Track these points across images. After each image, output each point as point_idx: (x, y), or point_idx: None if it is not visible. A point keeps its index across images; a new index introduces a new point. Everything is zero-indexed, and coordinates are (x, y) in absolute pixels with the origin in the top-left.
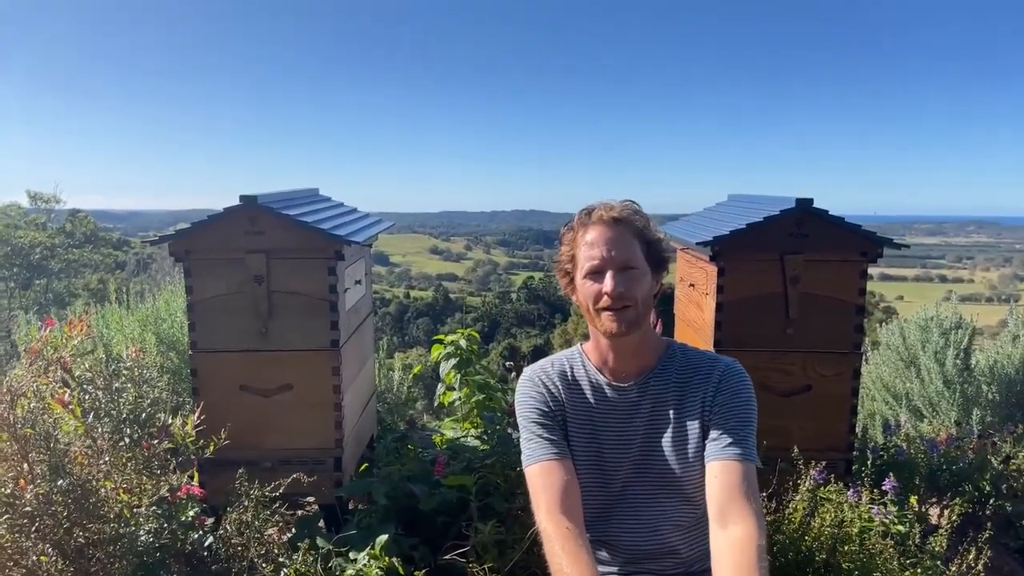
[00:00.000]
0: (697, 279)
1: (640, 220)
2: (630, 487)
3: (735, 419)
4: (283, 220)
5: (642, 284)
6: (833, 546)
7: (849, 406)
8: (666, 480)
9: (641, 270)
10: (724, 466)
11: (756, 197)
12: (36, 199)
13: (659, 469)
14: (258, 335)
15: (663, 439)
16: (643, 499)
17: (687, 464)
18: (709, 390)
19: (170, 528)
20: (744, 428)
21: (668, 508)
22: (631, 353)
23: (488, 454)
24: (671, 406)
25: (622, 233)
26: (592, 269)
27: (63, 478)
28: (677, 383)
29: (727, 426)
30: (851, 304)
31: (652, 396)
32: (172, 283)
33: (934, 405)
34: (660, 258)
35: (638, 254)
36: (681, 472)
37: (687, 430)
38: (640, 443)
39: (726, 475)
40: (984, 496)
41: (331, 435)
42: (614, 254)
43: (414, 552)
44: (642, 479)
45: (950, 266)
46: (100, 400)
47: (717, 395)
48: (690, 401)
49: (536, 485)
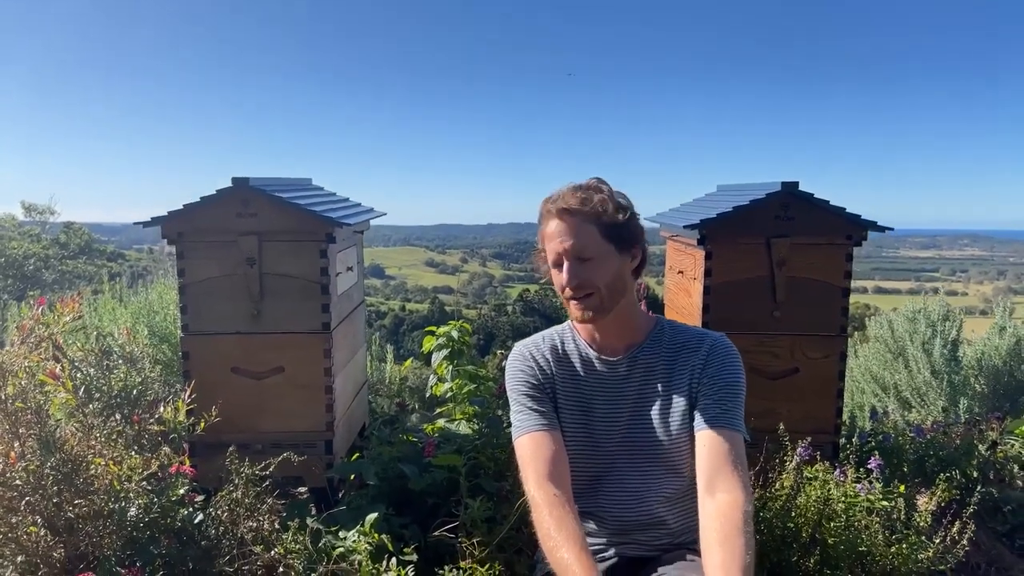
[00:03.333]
0: (685, 265)
1: (596, 205)
2: (619, 459)
3: (723, 391)
4: (276, 202)
5: (603, 269)
6: (819, 522)
7: (836, 389)
8: (654, 452)
9: (599, 257)
10: (712, 436)
11: (744, 185)
12: (31, 210)
13: (647, 441)
14: (250, 317)
15: (651, 412)
16: (631, 470)
17: (674, 436)
18: (697, 364)
19: (160, 504)
20: (732, 400)
21: (656, 479)
22: (614, 331)
23: (478, 435)
24: (660, 380)
25: (575, 223)
26: (554, 261)
27: (54, 454)
28: (666, 358)
29: (715, 398)
30: (837, 287)
31: (641, 370)
32: (166, 276)
33: (922, 395)
34: (625, 236)
35: (594, 241)
36: (669, 444)
37: (675, 403)
38: (628, 416)
39: (714, 445)
40: (971, 482)
41: (322, 418)
42: (567, 246)
43: (404, 531)
44: (630, 451)
45: (944, 279)
46: (91, 376)
47: (706, 368)
48: (679, 375)
49: (525, 456)
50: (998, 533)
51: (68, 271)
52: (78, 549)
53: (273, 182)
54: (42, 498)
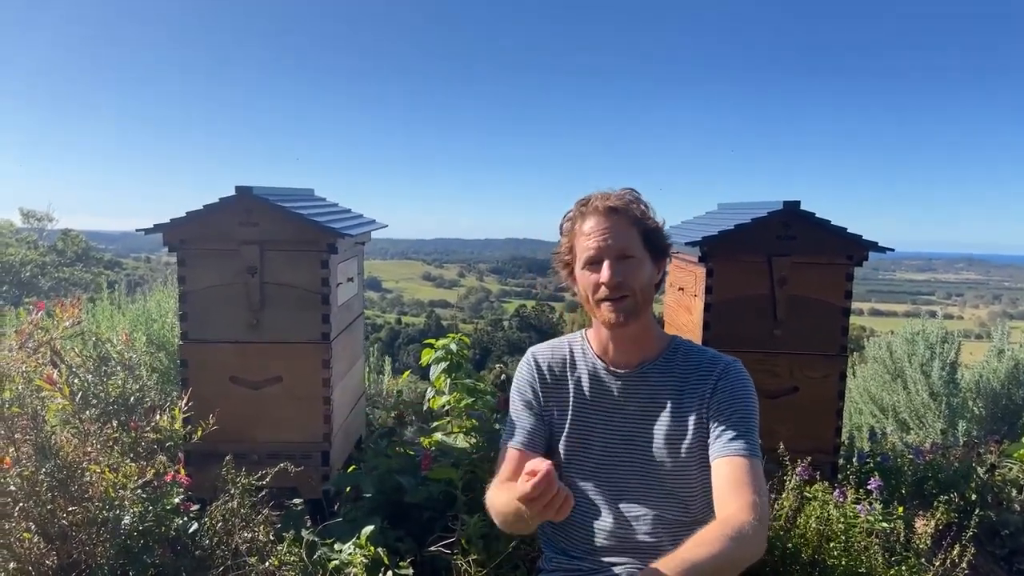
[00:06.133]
0: (686, 282)
1: (638, 208)
2: (616, 473)
3: (736, 415)
4: (278, 212)
5: (640, 273)
6: (819, 543)
7: (835, 408)
8: (654, 471)
9: (639, 259)
10: (728, 462)
11: (744, 204)
12: (29, 217)
13: (648, 459)
14: (249, 327)
15: (656, 431)
16: (628, 487)
17: (679, 459)
18: (708, 387)
19: (154, 512)
20: (746, 424)
21: (654, 500)
22: (631, 343)
23: (475, 449)
24: (669, 399)
25: (618, 222)
26: (590, 259)
27: (49, 460)
28: (678, 378)
29: (729, 423)
30: (837, 306)
31: (650, 387)
32: (165, 285)
33: (920, 417)
34: (660, 246)
35: (635, 242)
36: (672, 466)
37: (684, 425)
38: (631, 432)
39: (731, 470)
40: (970, 504)
41: (319, 429)
42: (610, 243)
43: (400, 544)
44: (629, 467)
45: (940, 302)
46: (88, 382)
47: (716, 392)
48: (689, 397)
49: (499, 463)
50: (996, 557)
51: (65, 278)
52: (71, 557)
53: (276, 192)
54: (36, 504)
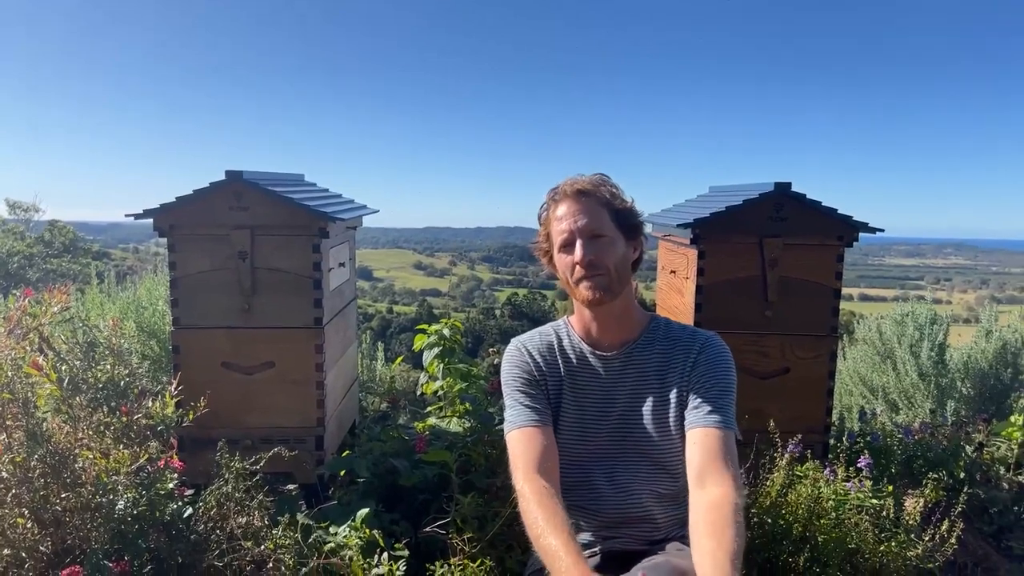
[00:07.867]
0: (678, 265)
1: (607, 190)
2: (610, 454)
3: (714, 388)
4: (269, 196)
5: (613, 251)
6: (809, 519)
7: (826, 388)
8: (645, 448)
9: (611, 238)
10: (704, 432)
11: (736, 186)
12: (15, 208)
13: (638, 437)
14: (241, 312)
15: (644, 408)
16: (622, 465)
17: (666, 433)
18: (689, 362)
19: (148, 497)
20: (723, 397)
21: (646, 475)
22: (613, 323)
23: (469, 432)
24: (653, 377)
25: (588, 204)
26: (564, 242)
27: (41, 446)
28: (660, 355)
29: (707, 395)
30: (828, 287)
31: (635, 366)
32: (155, 273)
33: (909, 397)
34: (631, 224)
35: (606, 222)
36: (660, 440)
37: (668, 400)
38: (621, 411)
39: (706, 441)
40: (958, 483)
41: (313, 413)
42: (580, 224)
43: (395, 526)
44: (622, 446)
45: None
46: (77, 368)
47: (696, 366)
48: (671, 373)
49: (516, 450)
50: (985, 534)
51: (52, 269)
52: (65, 542)
53: (266, 176)
54: (29, 491)
